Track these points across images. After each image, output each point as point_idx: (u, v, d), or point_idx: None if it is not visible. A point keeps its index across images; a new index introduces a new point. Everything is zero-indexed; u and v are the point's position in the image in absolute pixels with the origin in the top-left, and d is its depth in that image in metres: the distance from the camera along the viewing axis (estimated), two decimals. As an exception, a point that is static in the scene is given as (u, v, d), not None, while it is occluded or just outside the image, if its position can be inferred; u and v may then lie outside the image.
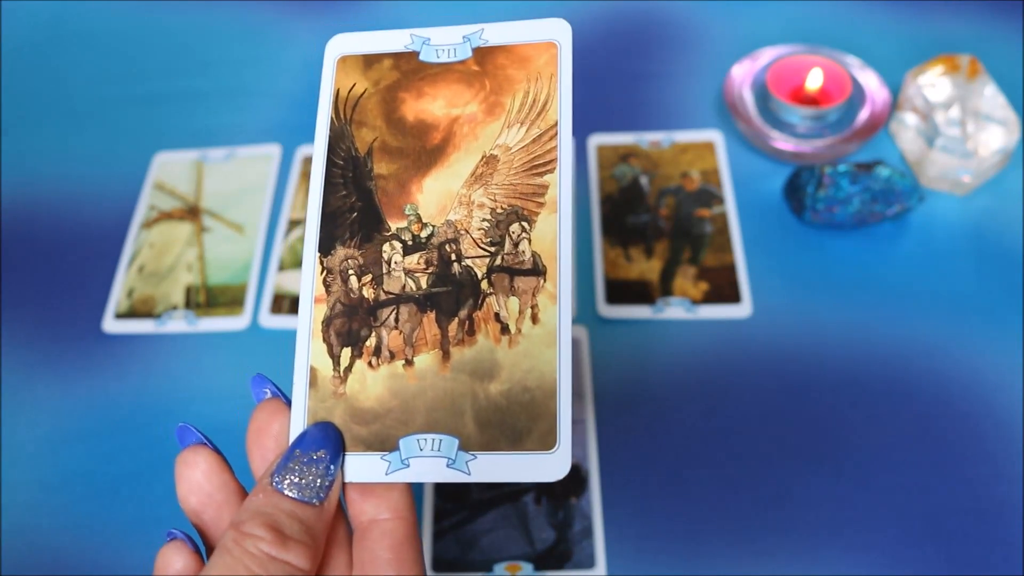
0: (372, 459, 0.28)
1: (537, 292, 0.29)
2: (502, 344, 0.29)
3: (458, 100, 0.32)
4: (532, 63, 0.31)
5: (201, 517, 0.29)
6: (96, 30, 0.74)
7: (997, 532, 0.45)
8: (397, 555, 0.28)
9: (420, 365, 0.29)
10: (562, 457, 0.27)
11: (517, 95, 0.31)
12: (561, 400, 0.28)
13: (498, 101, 0.31)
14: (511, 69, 0.31)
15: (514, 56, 0.32)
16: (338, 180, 0.32)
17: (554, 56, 0.31)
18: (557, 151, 0.30)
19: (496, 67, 0.32)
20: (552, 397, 0.28)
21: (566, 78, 0.31)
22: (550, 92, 0.31)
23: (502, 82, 0.31)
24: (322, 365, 0.30)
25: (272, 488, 0.27)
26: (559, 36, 0.31)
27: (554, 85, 0.31)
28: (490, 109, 0.31)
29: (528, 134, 0.31)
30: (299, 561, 0.26)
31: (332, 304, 0.30)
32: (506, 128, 0.31)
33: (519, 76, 0.31)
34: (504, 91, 0.31)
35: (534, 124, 0.31)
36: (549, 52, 0.31)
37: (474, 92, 0.32)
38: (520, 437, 0.28)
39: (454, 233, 0.30)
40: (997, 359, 0.51)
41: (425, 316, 0.30)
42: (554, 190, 0.30)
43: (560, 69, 0.31)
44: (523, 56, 0.31)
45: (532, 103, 0.31)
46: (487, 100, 0.31)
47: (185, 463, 0.29)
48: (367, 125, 0.32)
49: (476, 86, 0.32)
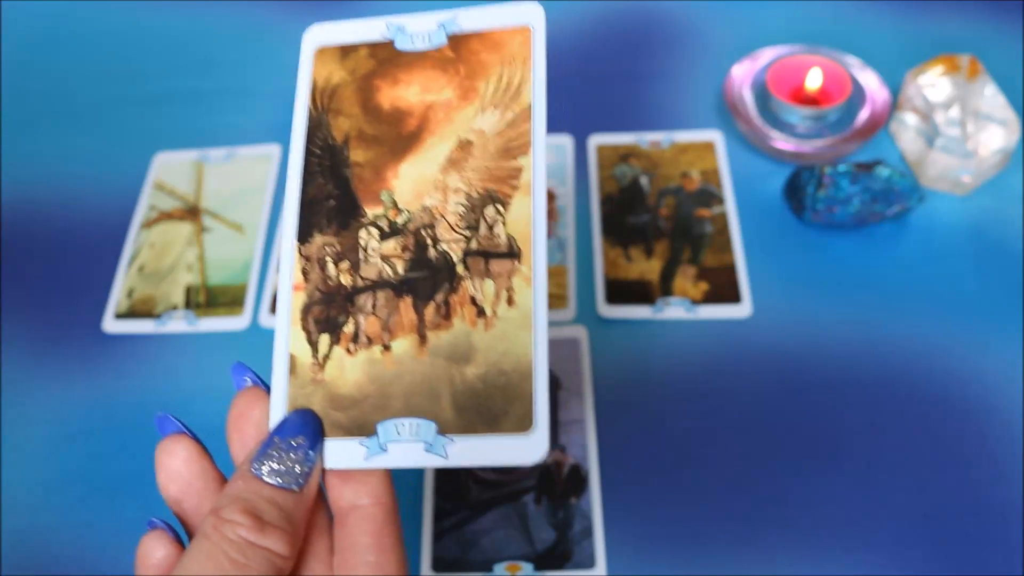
0: (351, 444, 0.28)
1: (512, 275, 0.29)
2: (478, 327, 0.29)
3: (433, 86, 0.32)
4: (506, 47, 0.31)
5: (181, 505, 0.29)
6: (96, 30, 0.74)
7: (997, 532, 0.45)
8: (377, 540, 0.28)
9: (397, 350, 0.29)
10: (539, 439, 0.27)
11: (491, 79, 0.31)
12: (537, 382, 0.28)
13: (472, 86, 0.31)
14: (485, 54, 0.31)
15: (488, 41, 0.32)
16: (315, 169, 0.32)
17: (527, 40, 0.31)
18: (531, 134, 0.30)
19: (470, 52, 0.32)
20: (528, 379, 0.28)
21: (540, 61, 0.31)
22: (523, 76, 0.31)
23: (476, 67, 0.31)
24: (301, 352, 0.30)
25: (251, 474, 0.27)
26: (532, 20, 0.31)
27: (528, 69, 0.31)
28: (464, 94, 0.31)
29: (503, 118, 0.31)
30: (278, 547, 0.26)
31: (310, 292, 0.30)
32: (480, 112, 0.31)
33: (493, 61, 0.31)
34: (478, 76, 0.31)
35: (508, 108, 0.31)
36: (523, 36, 0.31)
37: (449, 78, 0.32)
38: (497, 420, 0.28)
39: (430, 218, 0.30)
40: (997, 359, 0.51)
41: (402, 301, 0.30)
42: (528, 173, 0.30)
43: (534, 53, 0.31)
44: (497, 41, 0.31)
45: (506, 87, 0.31)
46: (462, 85, 0.31)
47: (165, 451, 0.29)
48: (344, 114, 0.32)
49: (451, 72, 0.32)
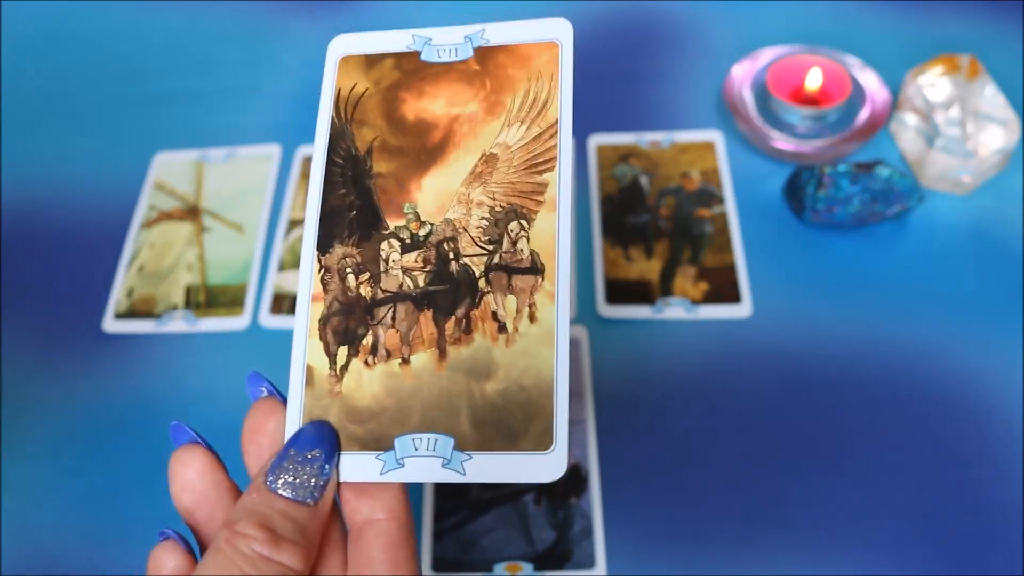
0: (367, 459, 0.28)
1: (535, 291, 0.29)
2: (499, 343, 0.29)
3: (458, 99, 0.31)
4: (533, 62, 0.31)
5: (194, 516, 0.29)
6: (96, 30, 0.74)
7: (997, 532, 0.45)
8: (391, 556, 0.28)
9: (416, 364, 0.29)
10: (558, 457, 0.27)
11: (518, 94, 0.31)
12: (558, 400, 0.27)
13: (499, 100, 0.31)
14: (512, 68, 0.31)
15: (515, 55, 0.31)
16: (338, 179, 0.31)
17: (555, 55, 0.31)
18: (557, 149, 0.30)
19: (497, 66, 0.31)
20: (549, 396, 0.28)
21: (567, 77, 0.31)
22: (551, 91, 0.31)
23: (503, 81, 0.31)
24: (318, 363, 0.29)
25: (266, 487, 0.27)
26: (560, 35, 0.31)
27: (555, 84, 0.31)
28: (490, 108, 0.31)
29: (528, 133, 0.30)
30: (292, 561, 0.26)
31: (329, 302, 0.30)
32: (506, 127, 0.31)
33: (520, 75, 0.31)
34: (505, 90, 0.31)
35: (534, 123, 0.30)
36: (550, 51, 0.31)
37: (475, 91, 0.31)
38: (516, 437, 0.27)
39: (452, 231, 0.30)
40: (997, 359, 0.51)
41: (422, 314, 0.29)
42: (553, 188, 0.30)
43: (561, 68, 0.31)
44: (524, 55, 0.31)
45: (532, 102, 0.31)
46: (488, 99, 0.31)
47: (179, 461, 0.29)
48: (367, 124, 0.32)
49: (477, 85, 0.31)
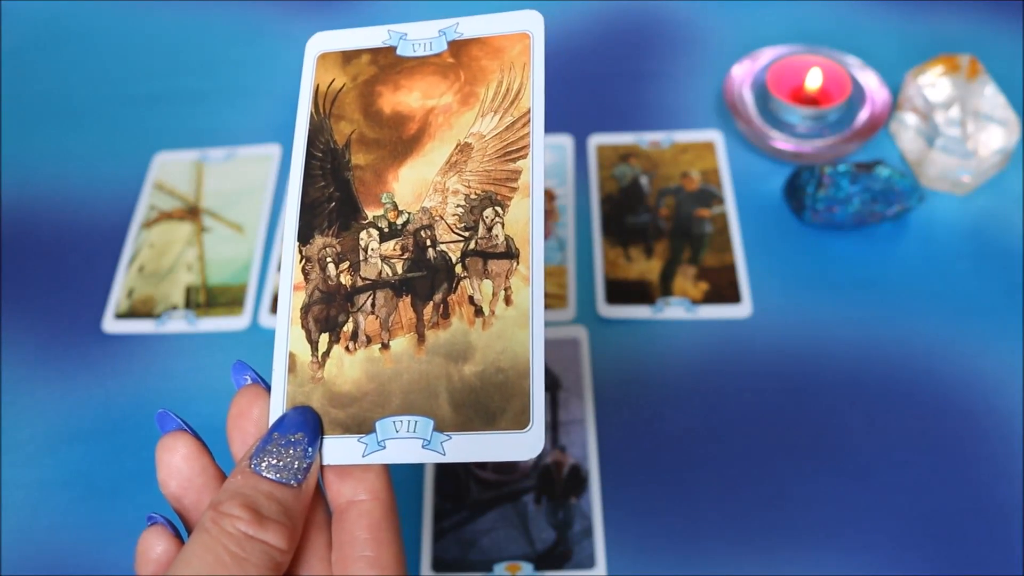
0: (349, 441, 0.29)
1: (510, 275, 0.30)
2: (476, 326, 0.29)
3: (434, 92, 0.32)
4: (505, 53, 0.32)
5: (181, 501, 0.29)
6: (96, 30, 0.74)
7: (997, 532, 0.45)
8: (375, 535, 0.29)
9: (396, 348, 0.30)
10: (535, 435, 0.28)
11: (491, 85, 0.32)
12: (534, 380, 0.28)
13: (472, 91, 0.32)
14: (485, 60, 0.32)
15: (488, 47, 0.32)
16: (317, 172, 0.32)
17: (527, 46, 0.32)
18: (530, 138, 0.31)
19: (471, 59, 0.32)
20: (525, 377, 0.28)
21: (539, 67, 0.31)
22: (523, 81, 0.31)
23: (476, 73, 0.32)
24: (301, 351, 0.30)
25: (251, 470, 0.28)
26: (531, 27, 0.32)
27: (527, 74, 0.31)
28: (464, 99, 0.32)
29: (501, 122, 0.31)
30: (276, 540, 0.26)
31: (311, 291, 0.31)
32: (480, 117, 0.31)
33: (493, 66, 0.32)
34: (478, 81, 0.32)
35: (507, 112, 0.31)
36: (522, 42, 0.32)
37: (449, 83, 0.32)
38: (494, 417, 0.28)
39: (429, 219, 0.31)
40: (997, 359, 0.51)
41: (401, 301, 0.30)
42: (527, 175, 0.30)
43: (533, 58, 0.32)
44: (497, 47, 0.32)
45: (505, 92, 0.31)
46: (462, 91, 0.32)
47: (165, 448, 0.29)
48: (345, 118, 0.33)
49: (451, 77, 0.32)
